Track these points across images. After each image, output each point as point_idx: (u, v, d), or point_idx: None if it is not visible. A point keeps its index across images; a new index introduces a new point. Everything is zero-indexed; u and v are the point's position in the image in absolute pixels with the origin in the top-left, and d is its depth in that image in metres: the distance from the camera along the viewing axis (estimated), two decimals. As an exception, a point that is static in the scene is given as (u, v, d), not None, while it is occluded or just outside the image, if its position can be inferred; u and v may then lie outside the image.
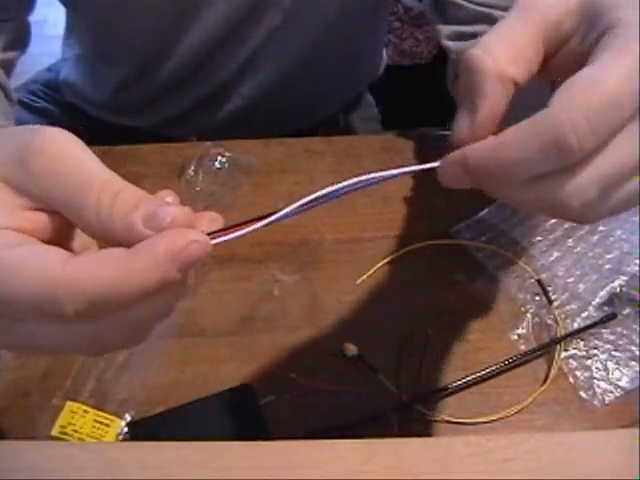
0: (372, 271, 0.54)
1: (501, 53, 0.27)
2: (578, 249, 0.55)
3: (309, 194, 0.27)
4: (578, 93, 0.24)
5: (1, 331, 0.26)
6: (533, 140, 0.25)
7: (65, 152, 0.25)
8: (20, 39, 0.61)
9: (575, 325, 0.51)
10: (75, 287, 0.23)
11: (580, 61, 0.26)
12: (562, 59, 0.29)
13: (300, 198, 0.27)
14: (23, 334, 0.26)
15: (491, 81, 0.27)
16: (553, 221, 0.57)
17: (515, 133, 0.25)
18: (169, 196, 0.27)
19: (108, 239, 0.25)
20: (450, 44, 0.60)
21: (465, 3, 0.57)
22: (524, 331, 0.51)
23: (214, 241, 0.27)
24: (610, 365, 0.49)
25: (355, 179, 0.28)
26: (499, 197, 0.28)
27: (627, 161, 0.25)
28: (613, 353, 0.50)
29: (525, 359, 0.49)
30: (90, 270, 0.24)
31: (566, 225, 0.56)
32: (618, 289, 0.52)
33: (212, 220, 0.27)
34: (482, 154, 0.26)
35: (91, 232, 0.25)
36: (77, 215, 0.25)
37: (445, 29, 0.60)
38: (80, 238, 0.28)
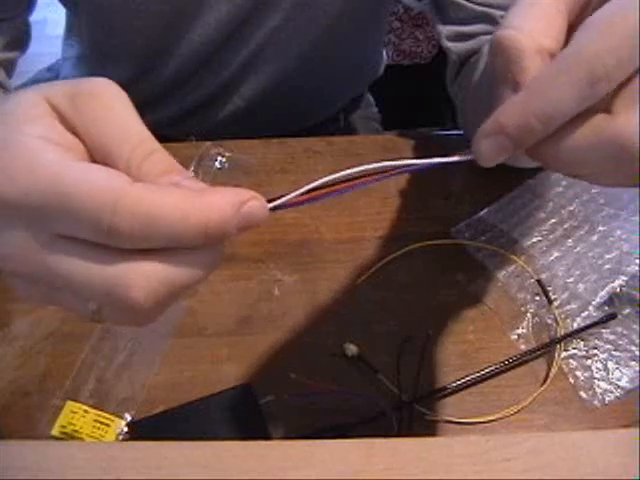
0: (372, 271, 0.54)
1: (534, 28, 0.27)
2: (578, 249, 0.55)
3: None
4: (602, 27, 0.24)
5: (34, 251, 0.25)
6: (564, 79, 0.24)
7: (111, 101, 0.26)
8: (20, 39, 0.61)
9: (575, 325, 0.51)
10: (138, 204, 0.23)
11: None
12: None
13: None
14: (56, 256, 0.25)
15: (530, 57, 0.26)
16: (553, 221, 0.57)
17: (542, 78, 0.25)
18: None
19: None
20: (450, 45, 0.60)
21: (465, 3, 0.57)
22: (524, 331, 0.51)
23: (271, 204, 0.27)
24: (610, 365, 0.49)
25: (398, 162, 0.28)
26: (550, 160, 0.27)
27: None
28: (613, 353, 0.50)
29: (525, 359, 0.49)
30: (157, 193, 0.24)
31: (566, 225, 0.56)
32: (618, 289, 0.52)
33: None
34: (515, 110, 0.26)
35: None
36: (108, 161, 0.25)
37: (445, 29, 0.60)
38: None
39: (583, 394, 0.48)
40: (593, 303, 0.52)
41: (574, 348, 0.50)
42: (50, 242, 0.25)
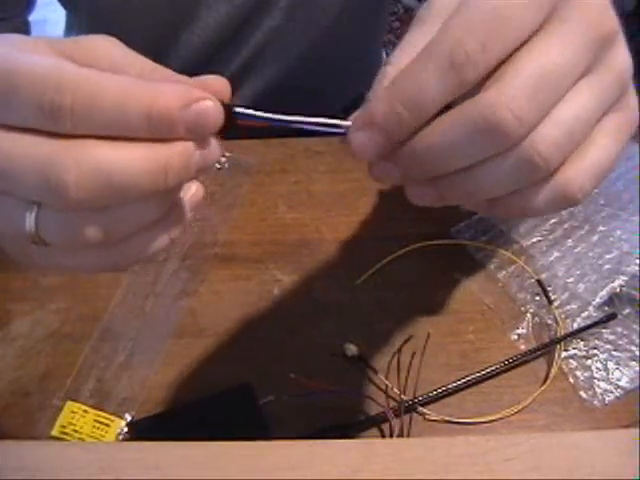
0: (372, 271, 0.54)
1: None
2: (578, 249, 0.55)
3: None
4: (463, 10, 0.24)
5: None
6: (427, 65, 0.24)
7: (114, 43, 0.27)
8: None
9: (575, 325, 0.51)
10: (82, 82, 0.23)
11: None
12: None
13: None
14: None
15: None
16: (553, 221, 0.57)
17: (407, 67, 0.25)
18: None
19: None
20: None
21: None
22: (524, 331, 0.51)
23: (237, 109, 0.27)
24: (610, 365, 0.49)
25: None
26: (424, 158, 0.26)
27: (545, 64, 0.24)
28: (613, 353, 0.50)
29: (525, 359, 0.49)
30: (104, 75, 0.24)
31: (566, 225, 0.56)
32: (618, 289, 0.52)
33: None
34: (383, 98, 0.25)
35: None
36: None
37: None
38: None
39: (583, 394, 0.48)
40: (593, 303, 0.52)
41: (574, 348, 0.50)
42: None
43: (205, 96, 0.25)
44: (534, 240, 0.56)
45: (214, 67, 0.69)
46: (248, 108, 0.27)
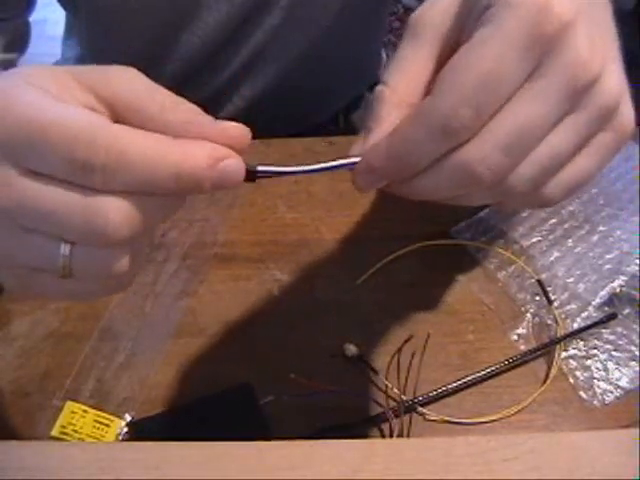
0: (372, 271, 0.54)
1: (398, 82, 0.28)
2: (578, 249, 0.55)
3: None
4: (455, 78, 0.25)
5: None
6: (421, 130, 0.26)
7: (136, 75, 0.27)
8: (20, 40, 0.61)
9: (575, 325, 0.51)
10: (114, 141, 0.24)
11: None
12: None
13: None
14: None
15: (387, 109, 0.28)
16: (553, 221, 0.57)
17: (403, 127, 0.27)
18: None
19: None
20: None
21: None
22: (524, 331, 0.51)
23: (260, 167, 0.29)
24: (610, 365, 0.49)
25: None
26: (415, 194, 0.29)
27: (522, 122, 0.25)
28: (613, 353, 0.50)
29: (525, 359, 0.49)
30: (135, 133, 0.25)
31: (566, 225, 0.56)
32: (618, 289, 0.52)
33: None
34: (381, 154, 0.28)
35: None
36: (135, 120, 0.26)
37: None
38: None
39: (583, 394, 0.48)
40: (593, 303, 0.52)
41: (574, 348, 0.50)
42: (25, 176, 0.25)
43: (229, 154, 0.27)
44: (534, 240, 0.56)
45: (214, 67, 0.69)
46: (268, 165, 0.29)
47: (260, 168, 0.29)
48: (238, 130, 0.28)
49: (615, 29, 0.29)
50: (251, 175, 0.28)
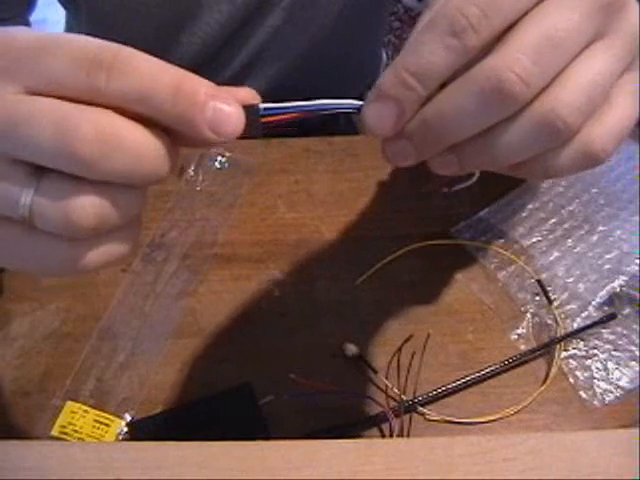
0: (372, 271, 0.54)
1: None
2: (578, 249, 0.55)
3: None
4: (511, 39, 0.24)
5: None
6: (430, 34, 0.25)
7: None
8: None
9: (575, 325, 0.51)
10: (123, 48, 0.25)
11: None
12: None
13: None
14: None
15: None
16: (553, 221, 0.57)
17: (412, 38, 0.26)
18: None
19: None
20: None
21: None
22: (524, 331, 0.51)
23: (263, 105, 0.27)
24: (610, 365, 0.49)
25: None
26: (439, 127, 0.26)
27: (547, 28, 0.24)
28: (613, 353, 0.50)
29: (525, 359, 0.49)
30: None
31: (566, 225, 0.56)
32: (618, 289, 0.52)
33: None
34: (392, 71, 0.26)
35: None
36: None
37: None
38: None
39: (583, 394, 0.48)
40: (593, 303, 0.52)
41: (574, 348, 0.50)
42: (20, 94, 0.25)
43: (229, 98, 0.26)
44: (534, 240, 0.56)
45: (215, 67, 0.69)
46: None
47: (262, 105, 0.27)
48: (246, 92, 0.28)
49: None
50: (253, 119, 0.27)
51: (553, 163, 0.27)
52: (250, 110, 0.27)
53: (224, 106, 0.25)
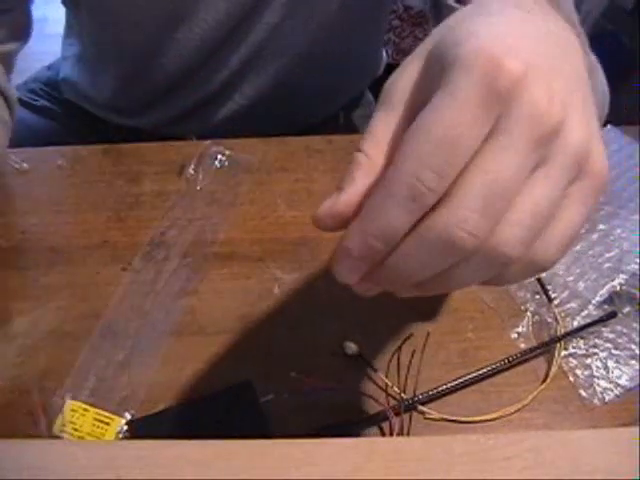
0: (372, 270, 0.54)
1: (370, 149, 0.28)
2: (578, 248, 0.55)
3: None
4: (413, 143, 0.25)
5: None
6: (389, 201, 0.26)
7: None
8: (21, 29, 0.61)
9: (575, 323, 0.51)
10: None
11: None
12: None
13: None
14: None
15: (361, 172, 0.28)
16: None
17: (371, 201, 0.27)
18: None
19: None
20: None
21: (459, 6, 0.57)
22: (524, 329, 0.51)
23: None
24: (610, 364, 0.49)
25: None
26: (403, 278, 0.28)
27: (492, 177, 0.25)
28: (613, 352, 0.50)
29: (525, 357, 0.49)
30: None
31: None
32: (618, 287, 0.52)
33: None
34: (355, 234, 0.27)
35: None
36: None
37: None
38: None
39: (583, 393, 0.48)
40: (593, 302, 0.52)
41: (574, 347, 0.50)
42: None
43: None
44: (534, 239, 0.56)
45: (214, 64, 0.69)
46: None
47: None
48: None
49: (586, 72, 0.29)
50: None
51: (503, 279, 0.28)
52: None
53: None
